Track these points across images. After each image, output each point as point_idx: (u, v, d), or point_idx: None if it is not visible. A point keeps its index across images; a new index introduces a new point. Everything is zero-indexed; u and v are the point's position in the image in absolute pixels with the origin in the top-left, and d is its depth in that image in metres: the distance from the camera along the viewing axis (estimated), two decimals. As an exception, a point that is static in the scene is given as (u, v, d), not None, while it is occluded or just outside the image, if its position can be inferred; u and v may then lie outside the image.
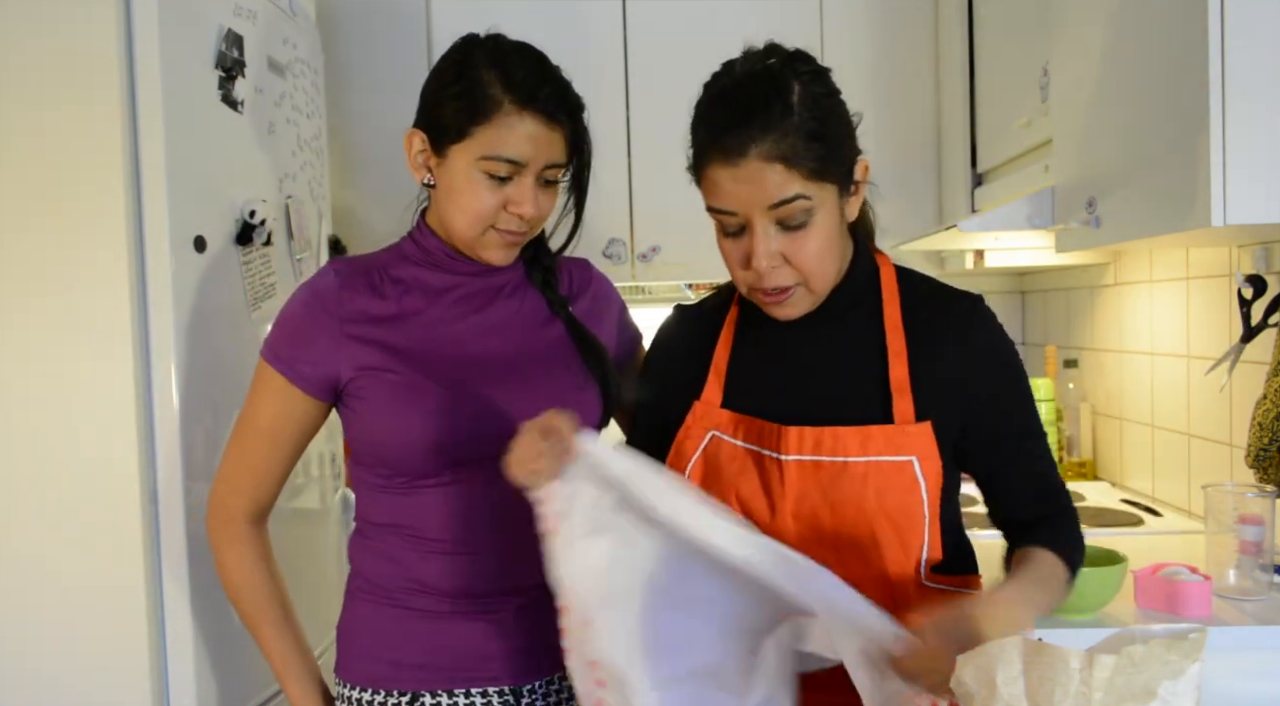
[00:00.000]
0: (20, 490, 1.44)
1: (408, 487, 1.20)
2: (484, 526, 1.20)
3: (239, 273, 1.63)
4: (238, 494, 1.24)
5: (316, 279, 1.23)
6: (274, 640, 1.25)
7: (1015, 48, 2.23)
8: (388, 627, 1.22)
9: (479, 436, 1.18)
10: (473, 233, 1.19)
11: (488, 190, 1.16)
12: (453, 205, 1.18)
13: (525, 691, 1.22)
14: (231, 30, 1.61)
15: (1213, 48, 1.37)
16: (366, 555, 1.26)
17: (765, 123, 1.02)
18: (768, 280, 1.09)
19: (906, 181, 2.78)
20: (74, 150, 1.42)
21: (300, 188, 1.89)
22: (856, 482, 1.08)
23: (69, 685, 1.44)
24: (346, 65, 2.68)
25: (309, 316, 1.20)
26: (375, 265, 1.25)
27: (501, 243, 1.20)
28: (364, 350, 1.18)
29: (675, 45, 2.65)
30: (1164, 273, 2.21)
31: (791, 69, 1.07)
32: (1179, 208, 1.46)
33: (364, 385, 1.18)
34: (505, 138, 1.14)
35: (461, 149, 1.16)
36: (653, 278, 2.79)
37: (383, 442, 1.19)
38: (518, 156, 1.15)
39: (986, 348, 1.15)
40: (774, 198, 1.04)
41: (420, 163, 1.21)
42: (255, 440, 1.23)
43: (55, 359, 1.43)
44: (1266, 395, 1.62)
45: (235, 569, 1.25)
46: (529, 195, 1.17)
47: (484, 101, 1.14)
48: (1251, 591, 1.55)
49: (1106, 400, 2.54)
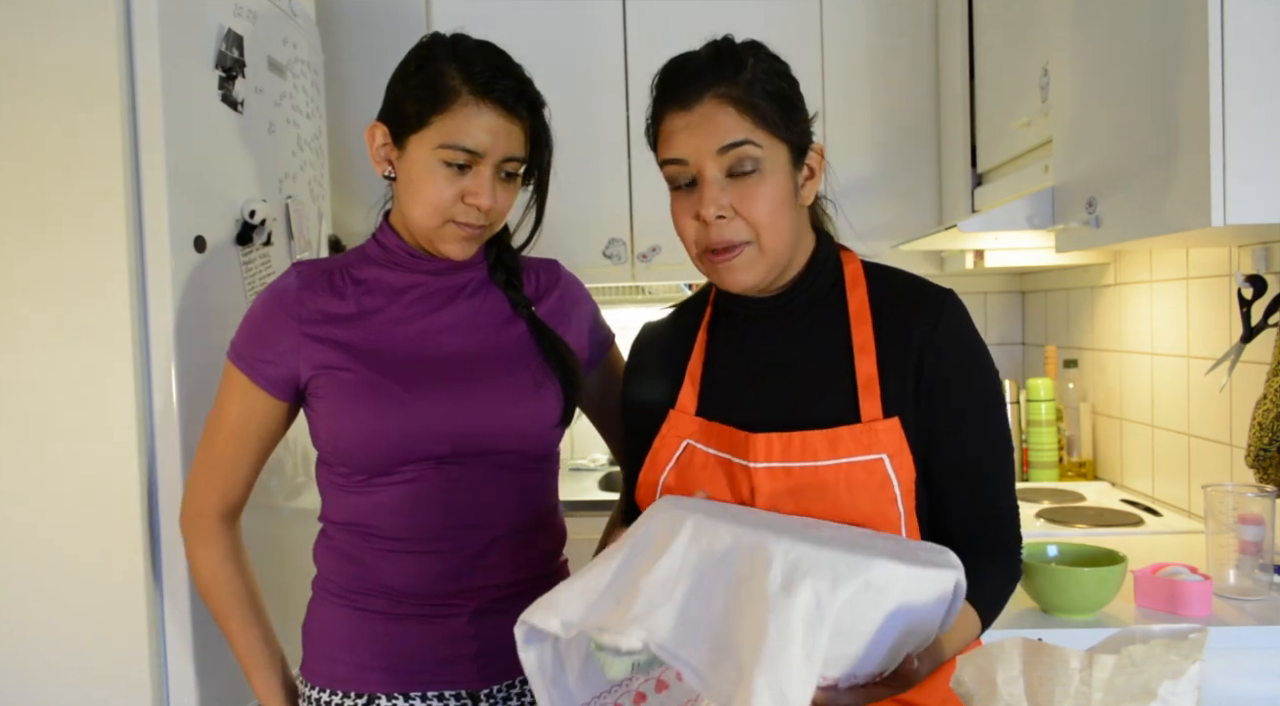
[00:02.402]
0: (20, 490, 1.44)
1: (365, 486, 1.21)
2: (441, 525, 1.20)
3: (239, 273, 1.63)
4: (207, 491, 1.25)
5: (279, 280, 1.25)
6: (240, 634, 1.26)
7: (1015, 48, 2.23)
8: (348, 628, 1.22)
9: (434, 435, 1.18)
10: (430, 224, 1.19)
11: (445, 180, 1.17)
12: (411, 196, 1.19)
13: (484, 696, 1.22)
14: (231, 30, 1.61)
15: (1213, 48, 1.37)
16: (329, 555, 1.26)
17: (719, 72, 1.08)
18: (715, 233, 1.07)
19: (906, 181, 2.78)
20: (74, 150, 1.42)
21: (300, 188, 1.89)
22: (828, 488, 1.05)
23: (69, 685, 1.44)
24: (346, 65, 2.68)
25: (269, 317, 1.22)
26: (338, 266, 1.27)
27: (460, 235, 1.20)
28: (321, 349, 1.20)
29: (675, 45, 2.64)
30: (1164, 273, 2.20)
31: (747, 47, 1.12)
32: (1179, 208, 1.46)
33: (321, 384, 1.20)
34: (462, 127, 1.15)
35: (420, 138, 1.17)
36: (653, 278, 2.79)
37: (340, 440, 1.19)
38: (475, 146, 1.16)
39: (955, 342, 1.10)
40: (724, 139, 1.06)
41: (382, 156, 1.22)
42: (222, 439, 1.24)
43: (55, 359, 1.43)
44: (1266, 395, 1.62)
45: (204, 564, 1.26)
46: (486, 186, 1.17)
47: (443, 91, 1.16)
48: (1251, 591, 1.55)
49: (1106, 400, 2.54)
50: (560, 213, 2.86)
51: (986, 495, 1.11)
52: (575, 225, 2.77)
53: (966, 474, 1.10)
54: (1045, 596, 1.50)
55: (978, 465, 1.10)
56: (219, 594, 1.27)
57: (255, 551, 1.43)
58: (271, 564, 1.66)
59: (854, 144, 2.74)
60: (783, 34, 1.13)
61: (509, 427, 1.22)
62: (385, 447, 1.18)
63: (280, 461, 1.72)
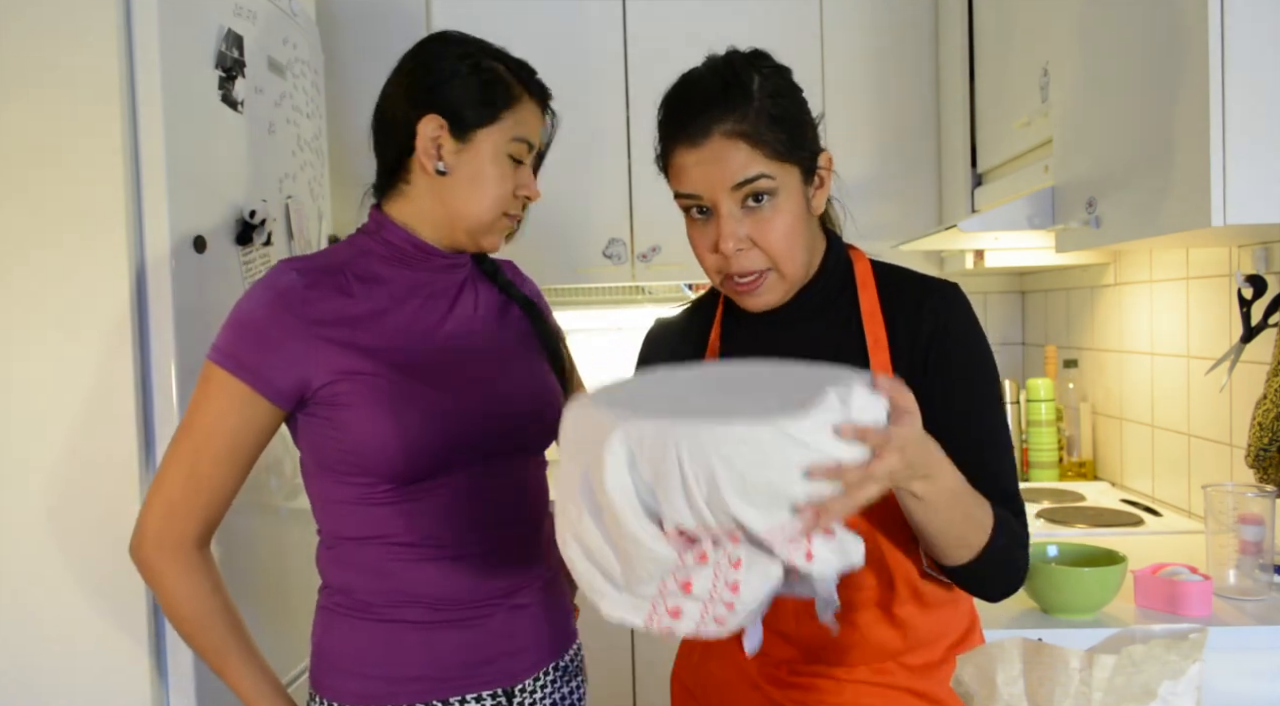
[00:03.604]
0: (20, 489, 1.44)
1: (393, 496, 1.15)
2: (472, 525, 1.18)
3: (239, 273, 1.63)
4: (187, 518, 1.13)
5: (276, 279, 1.15)
6: (240, 667, 1.17)
7: (1015, 48, 2.23)
8: (378, 643, 1.17)
9: (475, 436, 1.17)
10: (491, 216, 1.20)
11: (508, 174, 1.20)
12: (476, 190, 1.18)
13: (517, 691, 1.22)
14: (231, 30, 1.61)
15: (1213, 48, 1.37)
16: (343, 570, 1.19)
17: (726, 105, 1.05)
18: (735, 264, 1.09)
19: (906, 181, 2.78)
20: (74, 150, 1.42)
21: (300, 188, 1.89)
22: None
23: (69, 685, 1.44)
24: (346, 65, 2.68)
25: (275, 318, 1.13)
26: (336, 264, 1.20)
27: (507, 228, 1.25)
28: (341, 354, 1.13)
29: (675, 45, 2.65)
30: (1164, 272, 2.21)
31: (751, 63, 1.10)
32: (1179, 208, 1.46)
33: (343, 391, 1.13)
34: (528, 121, 1.21)
35: (489, 132, 1.18)
36: (652, 278, 2.79)
37: (371, 449, 1.13)
38: (531, 139, 1.21)
39: (957, 332, 1.12)
40: (737, 176, 1.05)
41: (435, 152, 1.18)
42: (211, 457, 1.13)
43: (55, 358, 1.43)
44: (1266, 395, 1.62)
45: (189, 601, 1.15)
46: (532, 178, 1.24)
47: (507, 86, 1.19)
48: (1251, 591, 1.55)
49: (1106, 400, 2.54)
50: (560, 212, 2.86)
51: (990, 468, 1.09)
52: (575, 225, 2.77)
53: (971, 464, 1.06)
54: (1045, 596, 1.50)
55: (980, 452, 1.09)
56: (214, 629, 1.16)
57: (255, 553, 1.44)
58: (272, 566, 1.66)
59: (854, 144, 2.74)
60: (783, 34, 1.13)
61: (537, 416, 1.23)
62: (429, 455, 1.14)
63: (280, 461, 1.72)
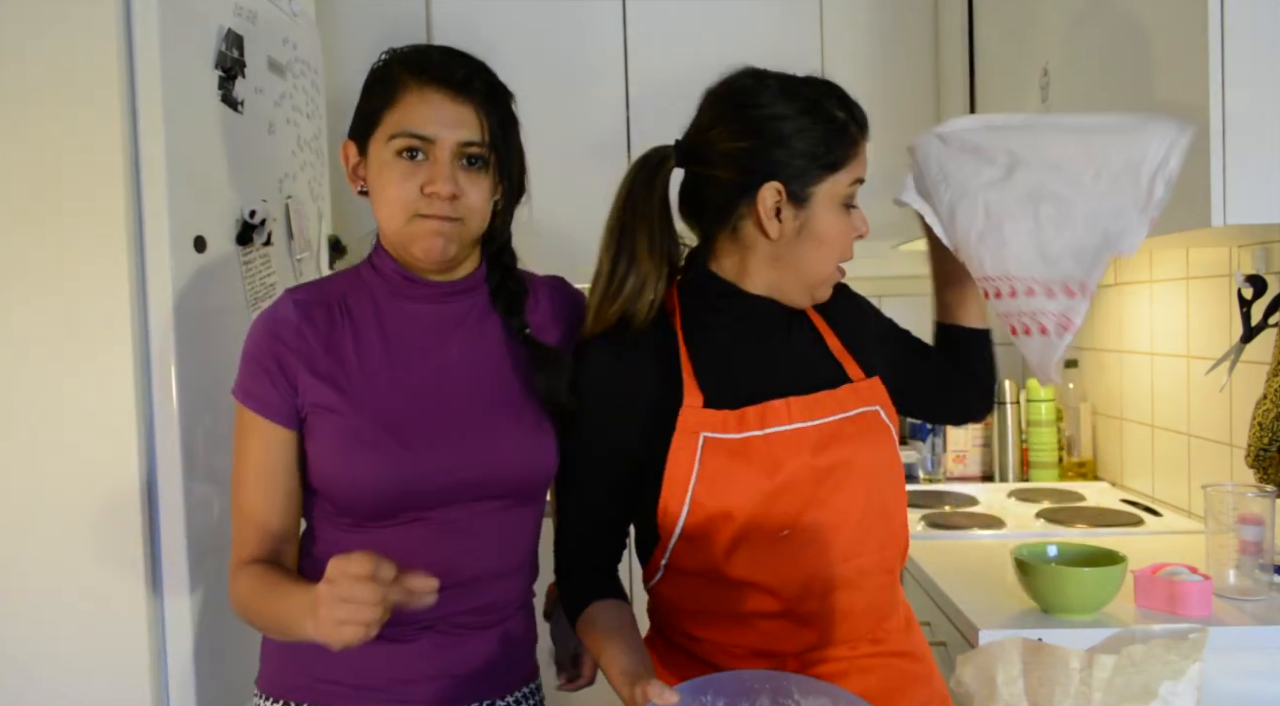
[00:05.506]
0: (20, 490, 1.44)
1: (354, 527, 1.18)
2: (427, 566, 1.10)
3: (239, 273, 1.63)
4: (240, 547, 1.18)
5: (277, 309, 1.20)
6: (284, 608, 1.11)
7: (1015, 48, 2.23)
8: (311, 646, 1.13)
9: (427, 488, 1.16)
10: (397, 223, 1.16)
11: (403, 174, 1.15)
12: (378, 201, 1.18)
13: None
14: (231, 30, 1.62)
15: (1213, 47, 1.37)
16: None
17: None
18: None
19: (906, 182, 2.78)
20: (74, 150, 1.42)
21: (300, 188, 1.89)
22: (849, 442, 1.17)
23: (69, 685, 1.44)
24: (346, 65, 2.68)
25: (269, 349, 1.18)
26: (334, 295, 1.22)
27: (429, 229, 1.16)
28: (319, 387, 1.16)
29: (675, 45, 2.65)
30: (1164, 272, 2.21)
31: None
32: (1179, 208, 1.45)
33: (314, 423, 1.16)
34: (409, 115, 1.15)
35: (375, 139, 1.17)
36: (652, 278, 2.78)
37: (329, 483, 1.16)
38: (423, 131, 1.14)
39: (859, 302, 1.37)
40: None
41: (356, 174, 1.21)
42: (249, 486, 1.18)
43: (55, 359, 1.43)
44: (1266, 395, 1.62)
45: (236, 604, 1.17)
46: (444, 172, 1.14)
47: (392, 86, 1.16)
48: (1251, 591, 1.55)
49: (1106, 400, 2.54)
50: (560, 214, 2.86)
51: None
52: (575, 226, 2.76)
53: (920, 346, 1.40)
54: (1045, 596, 1.50)
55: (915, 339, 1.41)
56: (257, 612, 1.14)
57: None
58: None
59: (854, 144, 2.74)
60: (783, 34, 1.13)
61: (505, 474, 1.19)
62: (373, 499, 1.15)
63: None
